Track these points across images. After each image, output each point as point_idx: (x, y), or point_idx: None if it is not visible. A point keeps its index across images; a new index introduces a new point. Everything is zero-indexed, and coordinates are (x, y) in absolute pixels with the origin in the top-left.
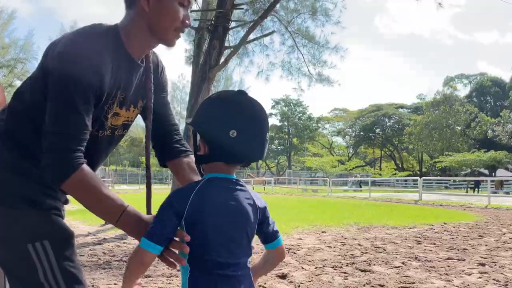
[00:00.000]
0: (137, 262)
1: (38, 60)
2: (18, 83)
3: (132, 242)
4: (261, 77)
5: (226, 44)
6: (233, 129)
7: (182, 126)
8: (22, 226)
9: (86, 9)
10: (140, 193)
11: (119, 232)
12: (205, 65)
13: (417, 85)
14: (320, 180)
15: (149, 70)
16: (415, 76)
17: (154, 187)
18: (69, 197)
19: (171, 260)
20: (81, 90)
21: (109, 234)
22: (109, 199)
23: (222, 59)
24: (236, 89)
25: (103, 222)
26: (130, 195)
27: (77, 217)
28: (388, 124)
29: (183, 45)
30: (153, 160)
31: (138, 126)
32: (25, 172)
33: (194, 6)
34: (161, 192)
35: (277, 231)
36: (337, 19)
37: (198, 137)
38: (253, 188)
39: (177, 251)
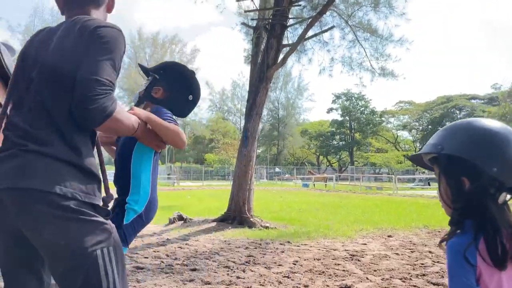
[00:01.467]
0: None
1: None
2: None
3: (193, 244)
4: (323, 75)
5: (284, 42)
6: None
7: (242, 124)
8: (92, 232)
9: (151, 17)
10: (202, 190)
11: (182, 232)
12: (263, 64)
13: (491, 74)
14: (385, 176)
15: None
16: (489, 65)
17: (215, 183)
18: None
19: None
20: (119, 59)
21: (173, 235)
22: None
23: (281, 57)
24: (295, 85)
25: (167, 221)
26: (194, 192)
27: None
28: (459, 116)
29: (242, 44)
30: (216, 157)
31: (201, 123)
32: (93, 178)
33: (251, 6)
34: (223, 188)
35: None
36: (402, 11)
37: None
38: (314, 185)
39: None
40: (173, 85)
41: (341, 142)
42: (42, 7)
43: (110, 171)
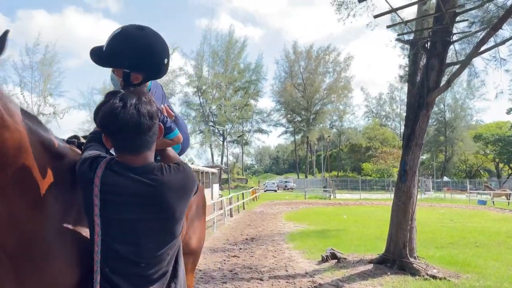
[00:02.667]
0: None
1: (267, 80)
2: (252, 102)
3: None
4: (500, 98)
5: (448, 60)
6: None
7: (401, 129)
8: None
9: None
10: (359, 205)
11: (335, 275)
12: (422, 88)
13: None
14: None
15: None
16: None
17: (373, 195)
18: None
19: None
20: None
21: (325, 277)
22: None
23: (444, 79)
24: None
25: (319, 257)
26: (350, 208)
27: (298, 245)
28: None
29: (397, 60)
30: (373, 167)
31: (357, 131)
32: None
33: (408, 15)
34: (382, 204)
35: None
36: None
37: None
38: (493, 203)
39: None
40: (144, 65)
41: None
42: (210, 35)
43: None
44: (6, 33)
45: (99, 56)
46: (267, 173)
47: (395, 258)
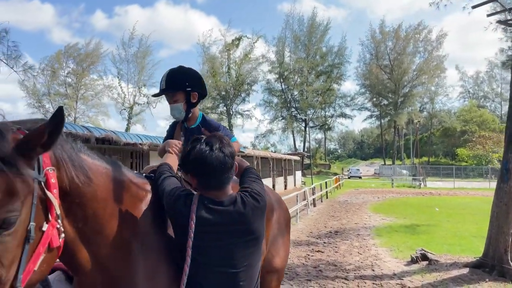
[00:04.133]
0: None
1: (351, 63)
2: (335, 87)
3: None
4: None
5: None
6: None
7: (502, 111)
8: None
9: (390, 6)
10: (453, 196)
11: (426, 278)
12: None
13: None
14: None
15: None
16: None
17: (469, 184)
18: None
19: None
20: None
21: (415, 280)
22: None
23: None
24: None
25: (408, 257)
26: (443, 199)
27: (385, 242)
28: None
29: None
30: (469, 152)
31: (450, 113)
32: None
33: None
34: (479, 195)
35: None
36: None
37: None
38: None
39: None
40: (198, 85)
41: None
42: (292, 20)
43: None
44: (61, 109)
45: (169, 84)
46: (351, 158)
47: (495, 264)
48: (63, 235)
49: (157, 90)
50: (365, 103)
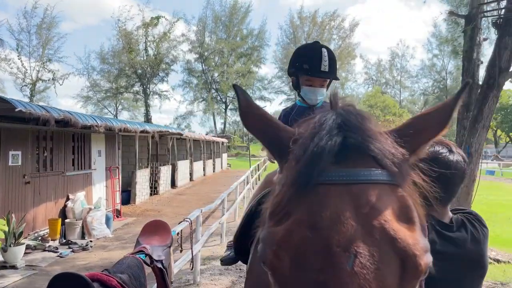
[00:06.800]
0: None
1: (270, 46)
2: (255, 69)
3: None
4: None
5: None
6: None
7: (401, 96)
8: None
9: None
10: None
11: None
12: (493, 68)
13: None
14: None
15: None
16: None
17: None
18: None
19: None
20: None
21: None
22: None
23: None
24: None
25: None
26: None
27: None
28: None
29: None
30: None
31: (358, 98)
32: None
33: None
34: None
35: None
36: None
37: None
38: (501, 174)
39: None
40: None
41: None
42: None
43: None
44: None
45: (331, 69)
46: None
47: None
48: None
49: (66, 66)
50: (282, 86)
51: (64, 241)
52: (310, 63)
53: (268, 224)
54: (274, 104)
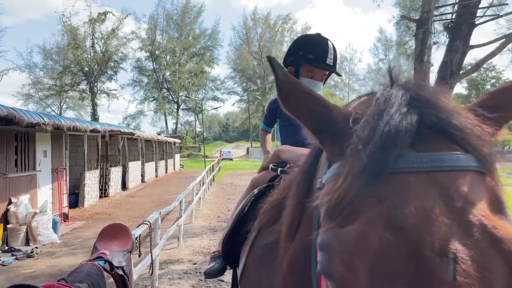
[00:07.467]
0: None
1: (223, 47)
2: (207, 69)
3: None
4: None
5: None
6: None
7: (350, 99)
8: None
9: None
10: None
11: None
12: (445, 70)
13: None
14: None
15: None
16: None
17: None
18: None
19: None
20: None
21: None
22: None
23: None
24: None
25: None
26: None
27: None
28: None
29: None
30: None
31: None
32: None
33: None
34: None
35: None
36: None
37: None
38: None
39: None
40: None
41: None
42: None
43: None
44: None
45: (334, 62)
46: (217, 140)
47: None
48: None
49: (4, 62)
50: (235, 87)
51: (7, 248)
52: (316, 53)
53: (328, 224)
54: (227, 105)
